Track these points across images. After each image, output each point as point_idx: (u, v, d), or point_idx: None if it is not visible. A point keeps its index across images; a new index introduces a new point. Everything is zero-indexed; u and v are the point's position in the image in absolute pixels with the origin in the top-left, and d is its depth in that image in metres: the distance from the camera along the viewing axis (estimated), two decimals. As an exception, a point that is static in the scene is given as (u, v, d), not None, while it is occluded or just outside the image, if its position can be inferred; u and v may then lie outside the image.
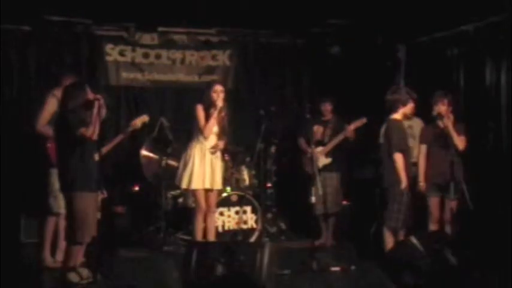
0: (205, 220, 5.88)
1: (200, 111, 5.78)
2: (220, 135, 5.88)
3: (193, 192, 5.86)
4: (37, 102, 6.93)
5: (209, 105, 5.79)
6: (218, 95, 5.78)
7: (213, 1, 6.42)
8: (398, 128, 5.44)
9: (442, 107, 5.51)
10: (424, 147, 5.72)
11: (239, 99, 7.88)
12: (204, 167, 5.77)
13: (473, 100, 6.51)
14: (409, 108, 5.52)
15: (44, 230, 5.52)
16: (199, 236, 5.80)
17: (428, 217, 5.66)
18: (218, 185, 5.91)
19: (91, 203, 4.77)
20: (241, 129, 7.61)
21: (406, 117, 5.63)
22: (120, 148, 6.12)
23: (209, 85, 5.99)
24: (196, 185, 5.75)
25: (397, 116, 5.49)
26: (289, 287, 5.04)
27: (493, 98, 6.34)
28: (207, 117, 5.76)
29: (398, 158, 5.33)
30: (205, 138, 5.78)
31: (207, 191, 5.85)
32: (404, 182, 5.31)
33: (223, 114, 5.84)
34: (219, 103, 5.74)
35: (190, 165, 5.77)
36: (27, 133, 6.99)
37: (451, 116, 5.49)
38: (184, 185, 5.80)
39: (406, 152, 5.42)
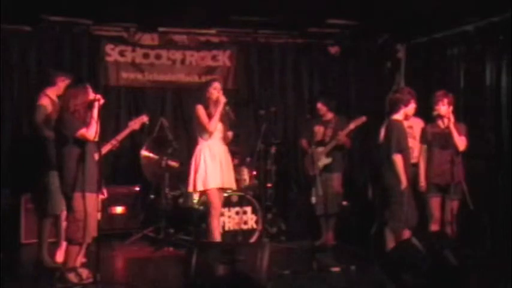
0: None
1: (201, 110, 5.68)
2: (224, 131, 5.81)
3: (209, 193, 5.70)
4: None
5: (208, 104, 5.71)
6: (218, 91, 5.71)
7: (213, 1, 6.42)
8: (399, 128, 5.43)
9: (442, 107, 5.51)
10: (424, 147, 5.72)
11: (239, 99, 7.90)
12: (216, 166, 5.68)
13: (473, 100, 6.51)
14: (410, 108, 5.51)
15: (41, 231, 5.51)
16: (217, 237, 5.67)
17: (428, 217, 5.66)
18: (233, 184, 5.86)
19: (91, 203, 4.78)
20: (241, 129, 7.62)
21: (407, 117, 5.62)
22: (120, 148, 6.12)
23: (207, 83, 5.89)
24: (212, 184, 5.64)
25: (398, 116, 5.48)
26: (289, 287, 5.04)
27: (493, 98, 6.34)
28: (209, 115, 5.67)
29: (398, 158, 5.33)
30: (211, 134, 5.68)
31: (219, 191, 5.76)
32: (404, 183, 5.30)
33: (226, 109, 5.74)
34: (222, 98, 5.66)
35: (202, 166, 5.65)
36: (27, 133, 7.05)
37: (452, 116, 5.48)
38: (200, 187, 5.66)
39: (405, 153, 5.41)
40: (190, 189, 5.79)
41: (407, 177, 5.34)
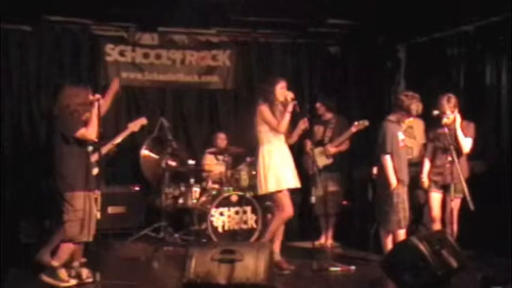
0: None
1: (267, 111, 5.42)
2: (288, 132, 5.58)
3: (280, 195, 5.47)
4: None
5: (274, 104, 5.46)
6: (284, 91, 5.49)
7: (213, 1, 6.43)
8: (389, 129, 5.43)
9: (450, 115, 5.43)
10: (430, 146, 5.69)
11: (239, 99, 7.90)
12: (286, 167, 5.48)
13: (473, 100, 6.51)
14: (404, 119, 5.50)
15: (56, 231, 5.44)
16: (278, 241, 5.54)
17: (429, 214, 5.65)
18: (299, 184, 5.61)
19: (90, 202, 4.78)
20: (241, 129, 7.62)
21: (399, 122, 5.58)
22: (118, 150, 6.13)
23: (273, 82, 5.55)
24: (284, 185, 5.44)
25: (392, 117, 5.50)
26: (289, 287, 5.04)
27: (493, 98, 6.34)
28: (273, 115, 5.43)
29: (386, 159, 5.35)
30: (282, 133, 5.45)
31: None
32: (392, 184, 5.33)
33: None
34: (290, 95, 5.43)
35: (273, 168, 5.42)
36: (27, 132, 7.06)
37: (459, 117, 5.45)
38: (272, 188, 5.44)
39: (397, 154, 5.40)
40: (262, 191, 5.54)
41: (398, 178, 5.35)
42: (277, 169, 5.46)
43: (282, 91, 5.50)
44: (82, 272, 4.87)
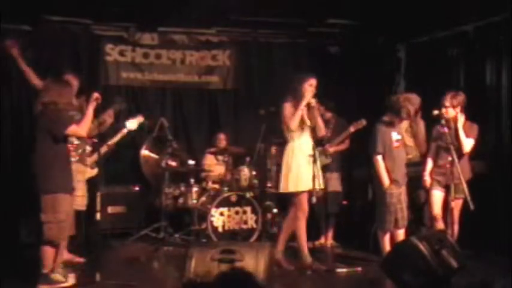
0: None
1: (288, 108, 5.43)
2: (315, 130, 5.54)
3: (299, 196, 5.47)
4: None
5: (299, 101, 5.43)
6: (313, 89, 5.45)
7: (213, 1, 6.43)
8: (380, 130, 5.44)
9: (449, 110, 5.42)
10: (433, 145, 5.68)
11: (239, 99, 7.90)
12: (308, 167, 5.39)
13: (473, 100, 6.50)
14: (397, 121, 5.51)
15: None
16: (304, 242, 5.51)
17: (429, 212, 5.64)
18: (322, 184, 5.48)
19: (71, 204, 4.78)
20: (241, 129, 7.63)
21: (393, 124, 5.58)
22: (120, 148, 6.12)
23: (302, 78, 5.51)
24: (303, 186, 5.40)
25: (385, 118, 5.51)
26: (289, 287, 5.04)
27: (493, 98, 6.34)
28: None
29: (377, 160, 5.40)
30: (291, 130, 5.43)
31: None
32: (384, 184, 5.33)
33: (317, 107, 5.50)
34: (309, 96, 5.39)
35: (295, 167, 5.43)
36: (27, 132, 7.05)
37: (463, 117, 5.44)
38: (291, 188, 5.44)
39: (389, 154, 5.41)
40: (282, 190, 5.57)
41: (392, 178, 5.36)
42: (298, 169, 5.43)
43: (309, 88, 5.45)
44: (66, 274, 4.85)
